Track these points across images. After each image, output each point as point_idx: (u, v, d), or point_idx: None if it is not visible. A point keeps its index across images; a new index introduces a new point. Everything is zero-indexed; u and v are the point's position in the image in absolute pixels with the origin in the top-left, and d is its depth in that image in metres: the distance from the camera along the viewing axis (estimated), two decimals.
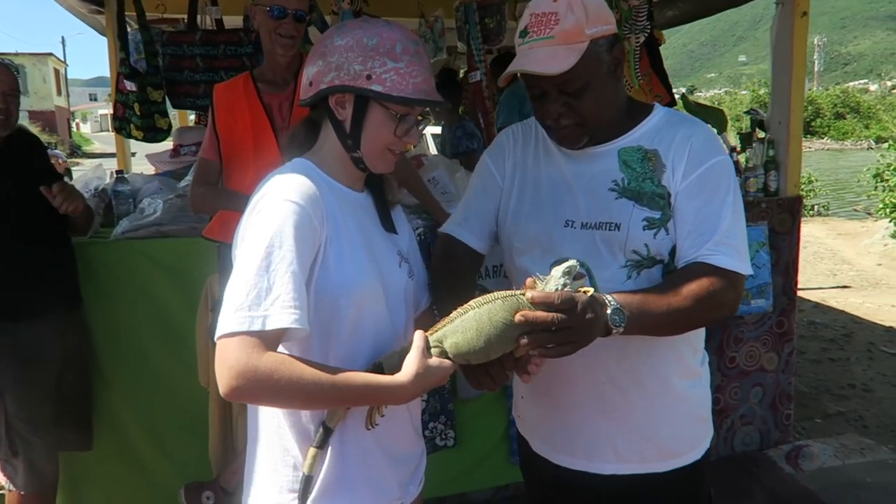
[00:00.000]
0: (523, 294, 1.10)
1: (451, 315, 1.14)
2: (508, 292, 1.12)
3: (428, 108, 1.23)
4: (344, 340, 1.17)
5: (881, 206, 7.20)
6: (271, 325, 1.02)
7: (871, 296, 6.34)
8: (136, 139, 3.49)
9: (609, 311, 1.14)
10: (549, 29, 1.24)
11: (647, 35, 3.39)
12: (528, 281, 1.13)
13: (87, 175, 3.20)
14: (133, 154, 6.20)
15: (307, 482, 1.16)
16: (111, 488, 2.57)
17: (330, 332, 1.16)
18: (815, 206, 11.77)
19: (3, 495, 2.31)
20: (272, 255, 1.05)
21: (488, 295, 1.12)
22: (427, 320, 1.28)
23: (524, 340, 1.08)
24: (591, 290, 1.14)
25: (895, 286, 6.62)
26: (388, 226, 1.32)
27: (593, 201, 1.33)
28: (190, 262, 2.49)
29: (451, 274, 1.42)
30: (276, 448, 1.21)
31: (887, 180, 7.44)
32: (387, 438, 1.24)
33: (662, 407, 1.36)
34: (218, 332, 1.03)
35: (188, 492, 2.36)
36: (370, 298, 1.18)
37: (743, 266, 1.28)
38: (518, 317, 1.08)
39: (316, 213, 1.12)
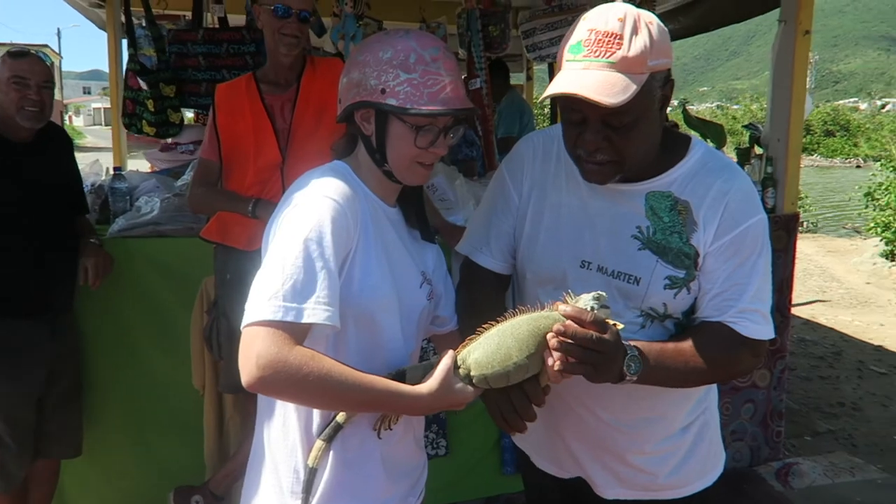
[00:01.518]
0: (551, 310, 1.09)
1: (476, 334, 1.12)
2: (536, 310, 1.10)
3: (458, 116, 1.20)
4: (352, 349, 1.16)
5: (872, 224, 7.25)
6: (307, 318, 1.01)
7: (861, 314, 6.38)
8: (148, 135, 3.47)
9: (627, 357, 1.10)
10: (611, 52, 1.08)
11: None
12: (557, 303, 1.10)
13: (83, 171, 3.16)
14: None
15: (312, 475, 1.15)
16: (100, 491, 2.53)
17: (341, 339, 1.15)
18: (805, 223, 11.85)
19: None
20: (310, 248, 1.05)
21: (514, 312, 1.10)
22: (452, 342, 1.25)
23: (554, 348, 1.04)
24: (621, 326, 1.11)
25: (884, 305, 6.67)
26: (427, 236, 1.32)
27: (614, 246, 1.25)
28: (186, 263, 2.47)
29: (476, 300, 1.34)
30: (280, 449, 1.20)
31: (878, 199, 7.51)
32: (389, 449, 1.23)
33: (667, 453, 1.34)
34: (248, 319, 1.01)
35: (177, 496, 2.32)
36: (385, 312, 1.18)
37: (767, 332, 1.23)
38: (557, 326, 1.06)
39: (353, 215, 1.12)
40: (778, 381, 3.17)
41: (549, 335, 1.06)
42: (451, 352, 1.13)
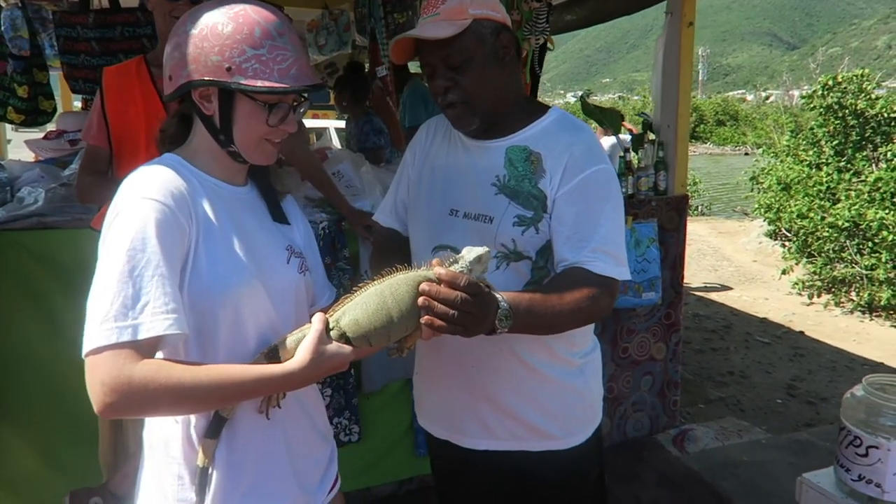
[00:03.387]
0: (428, 270, 1.11)
1: (352, 293, 1.11)
2: (413, 270, 1.11)
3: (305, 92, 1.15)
4: (222, 343, 1.10)
5: (756, 206, 7.76)
6: (144, 333, 0.95)
7: (748, 290, 6.85)
8: (13, 122, 3.22)
9: (499, 311, 1.15)
10: (436, 7, 1.34)
11: (545, 37, 3.50)
12: (435, 260, 1.13)
13: None
14: (9, 141, 5.75)
15: (203, 474, 1.11)
16: (3, 499, 2.38)
17: (207, 335, 1.09)
18: (699, 207, 12.55)
19: None
20: (135, 258, 0.97)
21: (390, 270, 1.11)
22: None
23: (423, 306, 1.07)
24: (492, 286, 1.16)
25: (768, 281, 7.18)
26: (279, 217, 1.26)
27: (475, 194, 1.40)
28: (77, 256, 2.33)
29: (385, 263, 1.39)
30: (160, 455, 1.14)
31: (762, 183, 8.05)
32: (282, 443, 1.20)
33: (529, 391, 1.42)
34: (84, 349, 0.95)
35: (74, 498, 2.21)
36: (248, 297, 1.11)
37: (620, 272, 1.33)
38: (422, 286, 1.08)
39: (182, 211, 1.04)
40: (673, 354, 3.37)
41: (420, 298, 1.08)
42: (319, 315, 1.08)
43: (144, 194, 1.03)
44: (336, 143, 7.94)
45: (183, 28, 1.11)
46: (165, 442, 1.14)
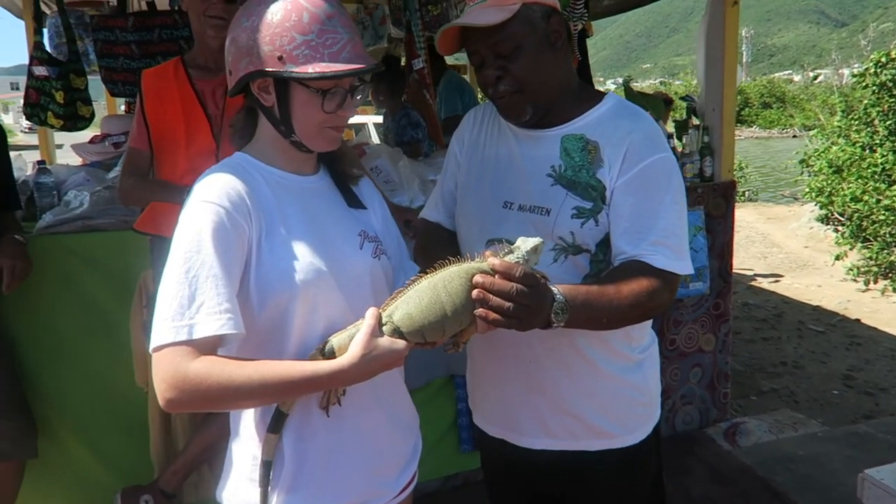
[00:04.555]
0: (482, 262, 1.07)
1: (405, 287, 1.08)
2: (466, 262, 1.08)
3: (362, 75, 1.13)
4: (296, 335, 1.11)
5: (807, 190, 7.50)
6: (198, 333, 0.98)
7: (799, 277, 6.63)
8: (53, 127, 3.30)
9: (554, 304, 1.11)
10: None
11: (584, 23, 3.42)
12: (488, 252, 1.10)
13: None
14: (59, 146, 5.92)
15: (265, 468, 1.13)
16: (44, 496, 2.44)
17: (280, 328, 1.10)
18: (746, 192, 12.21)
19: None
20: (191, 260, 1.01)
21: (442, 263, 1.08)
22: None
23: (477, 299, 1.04)
24: (548, 277, 1.12)
25: (820, 267, 6.94)
26: (353, 202, 1.26)
27: (531, 185, 1.34)
28: (121, 257, 2.38)
29: (431, 255, 1.35)
30: (237, 439, 1.19)
31: (812, 166, 7.76)
32: (353, 434, 1.19)
33: (588, 387, 1.37)
34: (150, 346, 1.00)
35: (125, 496, 2.26)
36: (315, 288, 1.10)
37: (681, 266, 1.27)
38: (476, 278, 1.05)
39: (239, 211, 1.06)
40: (723, 345, 3.27)
41: (475, 291, 1.05)
42: (372, 310, 1.06)
43: (203, 198, 1.06)
44: (375, 138, 7.97)
45: (238, 22, 1.12)
46: (244, 422, 1.18)
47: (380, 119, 6.26)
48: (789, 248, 7.93)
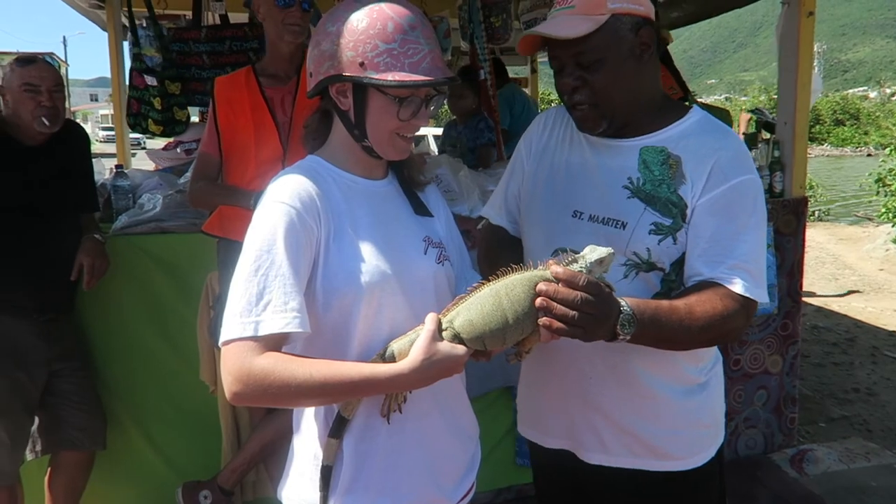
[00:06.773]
0: (545, 270, 1.06)
1: (466, 293, 1.08)
2: (529, 269, 1.07)
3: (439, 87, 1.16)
4: (360, 337, 1.13)
5: (883, 210, 7.16)
6: (264, 330, 1.01)
7: (874, 300, 6.31)
8: (155, 134, 3.48)
9: (621, 316, 1.09)
10: (571, 1, 1.23)
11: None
12: (551, 260, 1.09)
13: None
14: (134, 154, 6.19)
15: (326, 472, 1.14)
16: (110, 486, 2.53)
17: (344, 330, 1.12)
18: (817, 212, 11.75)
19: None
20: (261, 259, 1.04)
21: (505, 270, 1.08)
22: None
23: (540, 307, 1.03)
24: (614, 288, 1.09)
25: None
26: (419, 209, 1.27)
27: (605, 196, 1.30)
28: (190, 258, 2.46)
29: (494, 261, 1.33)
30: (300, 439, 1.21)
31: (889, 185, 7.41)
32: (415, 438, 1.19)
33: (649, 408, 1.33)
34: (220, 340, 1.04)
35: (185, 491, 2.32)
36: (380, 291, 1.12)
37: (759, 293, 1.22)
38: (540, 286, 1.04)
39: (309, 212, 1.09)
40: (790, 368, 3.13)
41: (538, 299, 1.04)
42: (432, 316, 1.07)
43: (276, 198, 1.09)
44: (434, 149, 8.03)
45: (324, 27, 1.15)
46: (306, 420, 1.20)
47: (439, 131, 6.30)
48: (863, 271, 7.57)
